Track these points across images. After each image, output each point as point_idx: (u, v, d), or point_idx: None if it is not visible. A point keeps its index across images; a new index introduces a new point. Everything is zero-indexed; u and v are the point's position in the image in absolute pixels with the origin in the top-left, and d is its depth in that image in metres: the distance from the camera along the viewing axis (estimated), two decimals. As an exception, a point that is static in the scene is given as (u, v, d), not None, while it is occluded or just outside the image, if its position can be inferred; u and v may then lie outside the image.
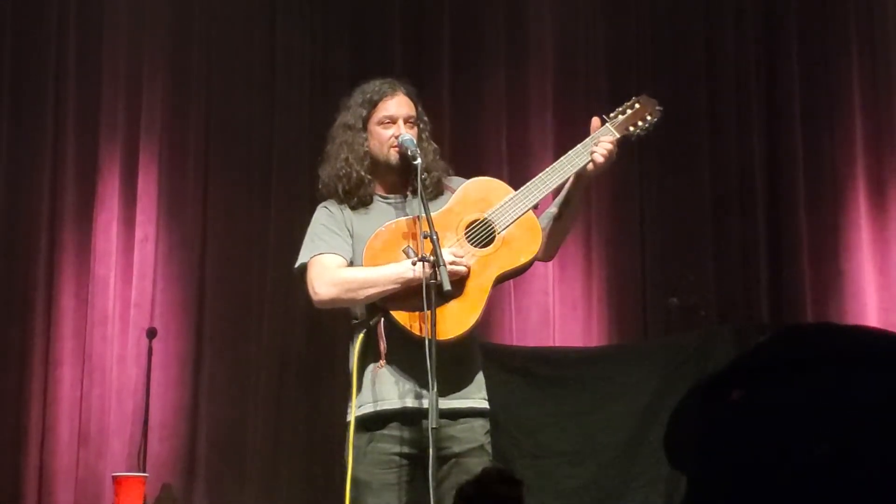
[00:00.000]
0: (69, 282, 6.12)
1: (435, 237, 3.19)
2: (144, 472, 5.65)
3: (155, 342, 5.89)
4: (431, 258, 3.17)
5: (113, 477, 5.52)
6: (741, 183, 6.29)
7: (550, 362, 5.67)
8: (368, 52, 6.41)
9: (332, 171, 3.44)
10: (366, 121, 3.43)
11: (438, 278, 3.15)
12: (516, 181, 3.50)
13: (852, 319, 5.94)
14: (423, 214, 3.23)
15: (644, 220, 6.30)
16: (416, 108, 3.49)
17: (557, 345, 6.08)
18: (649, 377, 5.14)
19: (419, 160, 3.30)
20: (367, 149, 3.41)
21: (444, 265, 3.16)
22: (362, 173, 3.39)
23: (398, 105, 3.44)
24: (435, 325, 3.14)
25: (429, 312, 3.16)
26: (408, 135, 3.38)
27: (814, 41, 6.34)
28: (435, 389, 3.11)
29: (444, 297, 3.21)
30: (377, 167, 3.42)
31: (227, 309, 6.13)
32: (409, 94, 3.48)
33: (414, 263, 3.21)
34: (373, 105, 3.43)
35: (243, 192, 6.24)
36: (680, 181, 6.31)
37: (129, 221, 6.17)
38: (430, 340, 3.13)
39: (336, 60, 6.35)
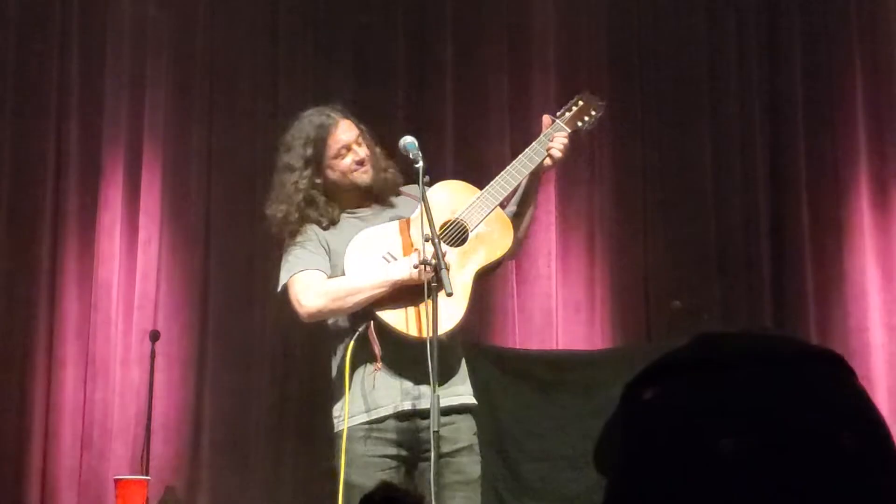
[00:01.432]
0: (72, 284, 6.12)
1: (437, 241, 3.22)
2: (147, 474, 5.65)
3: (158, 344, 5.88)
4: (433, 261, 3.20)
5: (114, 480, 5.52)
6: (743, 185, 6.28)
7: (553, 365, 5.68)
8: (371, 56, 6.41)
9: (281, 217, 3.51)
10: (316, 158, 3.50)
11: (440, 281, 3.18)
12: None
13: (855, 321, 5.94)
14: (425, 218, 3.28)
15: (647, 223, 6.29)
16: (358, 125, 3.61)
17: (560, 348, 6.07)
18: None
19: (420, 163, 3.36)
20: (313, 190, 3.49)
21: (446, 268, 3.18)
22: (310, 213, 3.47)
23: (344, 131, 3.54)
24: (437, 328, 3.16)
25: (430, 316, 3.19)
26: (409, 137, 3.44)
27: (816, 41, 6.34)
28: (437, 393, 3.14)
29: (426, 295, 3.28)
30: (337, 192, 3.52)
31: (230, 311, 6.13)
32: (345, 115, 3.60)
33: (416, 267, 3.24)
34: (322, 142, 3.50)
35: (246, 194, 6.24)
36: (682, 184, 6.30)
37: (132, 223, 6.17)
38: (431, 344, 3.15)
39: (338, 65, 6.35)
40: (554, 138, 3.56)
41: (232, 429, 6.00)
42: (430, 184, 3.53)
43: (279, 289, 3.48)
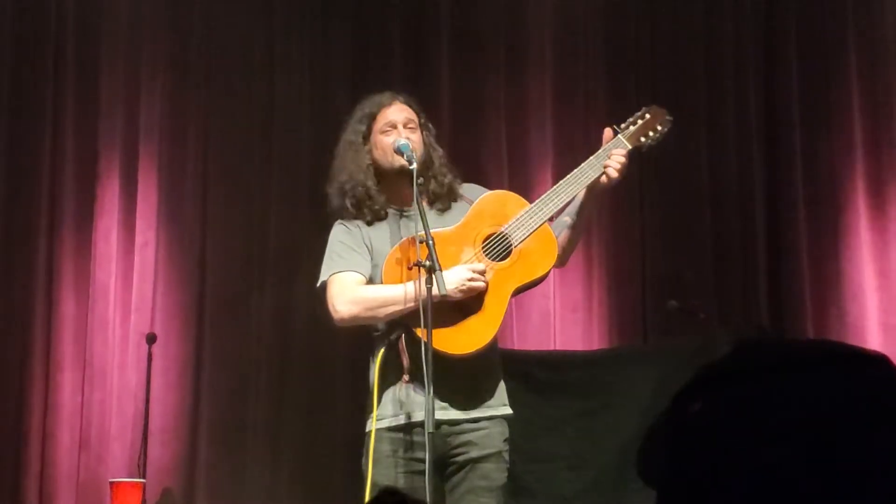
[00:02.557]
0: (69, 287, 6.12)
1: (431, 242, 3.21)
2: (145, 476, 5.65)
3: (155, 347, 5.89)
4: (427, 263, 3.18)
5: (110, 483, 5.52)
6: (740, 185, 6.28)
7: (550, 366, 5.67)
8: (368, 59, 6.41)
9: (338, 187, 3.47)
10: (366, 134, 3.47)
11: (435, 283, 3.17)
12: (517, 188, 3.54)
13: (852, 321, 5.94)
14: (421, 220, 3.24)
15: (644, 224, 6.29)
16: (418, 115, 3.55)
17: (558, 348, 6.07)
18: (649, 380, 5.13)
19: (415, 164, 3.33)
20: (369, 161, 3.45)
21: (440, 270, 3.17)
22: (368, 184, 3.42)
23: (397, 111, 3.49)
24: (431, 331, 3.16)
25: (427, 317, 3.18)
26: (403, 140, 3.41)
27: (812, 42, 6.34)
28: (431, 393, 3.14)
29: (461, 311, 3.26)
30: (386, 179, 3.46)
31: (227, 313, 6.13)
32: (407, 102, 3.55)
33: (410, 268, 3.23)
34: (372, 117, 3.48)
35: (243, 197, 6.24)
36: (679, 184, 6.30)
37: (128, 226, 6.17)
38: (426, 346, 3.15)
39: (336, 68, 6.35)
40: (612, 155, 3.41)
41: (229, 431, 6.00)
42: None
43: (318, 284, 3.45)
